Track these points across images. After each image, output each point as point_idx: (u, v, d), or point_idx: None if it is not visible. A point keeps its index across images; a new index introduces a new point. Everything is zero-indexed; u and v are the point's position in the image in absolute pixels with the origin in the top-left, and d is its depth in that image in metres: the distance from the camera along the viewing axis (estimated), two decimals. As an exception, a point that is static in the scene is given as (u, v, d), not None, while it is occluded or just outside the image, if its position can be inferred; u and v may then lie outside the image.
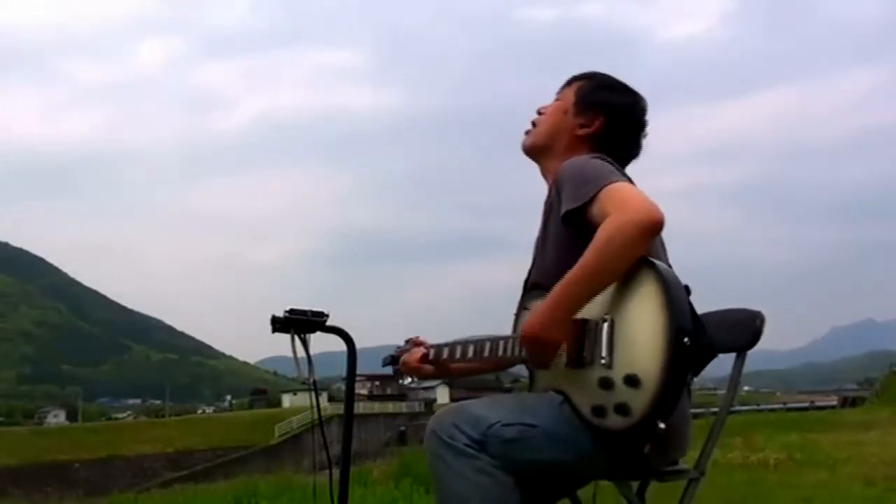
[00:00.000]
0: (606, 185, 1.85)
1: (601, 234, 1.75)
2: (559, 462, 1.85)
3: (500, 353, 2.05)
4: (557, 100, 2.22)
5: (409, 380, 2.41)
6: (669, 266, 1.89)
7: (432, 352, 2.23)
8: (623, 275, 1.77)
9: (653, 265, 1.76)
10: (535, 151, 2.21)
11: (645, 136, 2.18)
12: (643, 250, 1.76)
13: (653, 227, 1.76)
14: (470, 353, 2.14)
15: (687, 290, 1.79)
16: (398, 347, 2.39)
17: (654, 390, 1.67)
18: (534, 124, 2.23)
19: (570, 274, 1.77)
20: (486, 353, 2.09)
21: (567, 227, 1.92)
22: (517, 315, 2.11)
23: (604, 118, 2.13)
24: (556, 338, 1.79)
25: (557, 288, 1.79)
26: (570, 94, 2.19)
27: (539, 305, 1.83)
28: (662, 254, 1.94)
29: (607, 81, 2.21)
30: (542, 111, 2.23)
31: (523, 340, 1.85)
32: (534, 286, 2.07)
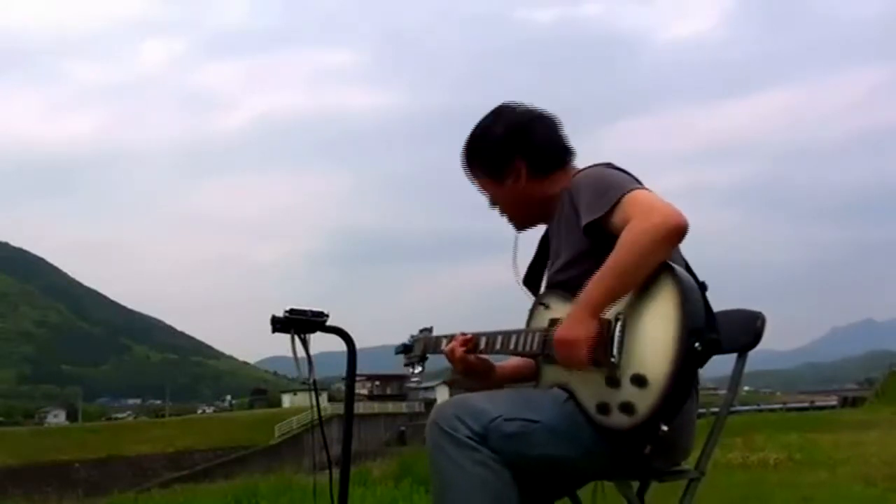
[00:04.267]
0: (628, 192, 1.85)
1: (626, 237, 1.76)
2: (560, 458, 1.86)
3: (513, 346, 2.06)
4: (482, 191, 2.21)
5: (419, 369, 2.40)
6: (686, 267, 1.89)
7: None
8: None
9: (670, 268, 1.77)
10: (526, 227, 2.21)
11: (554, 119, 2.14)
12: (666, 255, 1.77)
13: (678, 232, 1.77)
14: (482, 345, 2.15)
15: (704, 286, 1.81)
16: (412, 336, 2.40)
17: (660, 391, 1.68)
18: (502, 212, 2.21)
19: (595, 277, 1.78)
20: (498, 347, 2.10)
21: (587, 237, 1.91)
22: (531, 311, 2.11)
23: (517, 157, 2.10)
24: (582, 336, 1.77)
25: (583, 293, 1.80)
26: (482, 179, 2.18)
27: (569, 313, 1.83)
28: (677, 255, 1.94)
29: (478, 137, 2.16)
30: (493, 202, 2.21)
31: (556, 346, 1.84)
32: (551, 285, 2.07)
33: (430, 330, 2.38)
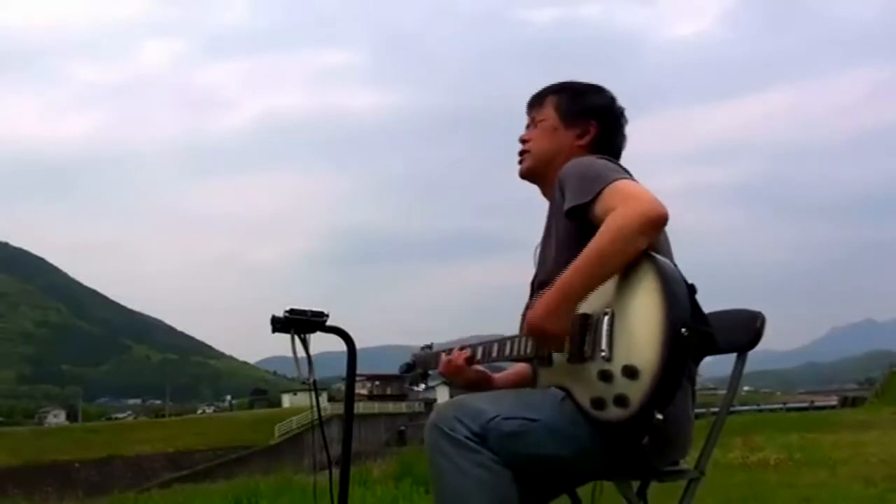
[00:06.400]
0: (611, 181, 1.86)
1: (606, 226, 1.77)
2: (559, 457, 1.86)
3: (507, 352, 2.07)
4: (537, 120, 2.21)
5: (422, 386, 2.42)
6: (674, 263, 1.89)
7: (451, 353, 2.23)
8: (624, 268, 1.78)
9: (653, 258, 1.77)
10: (535, 174, 2.20)
11: (627, 122, 2.21)
12: (646, 243, 1.77)
13: (657, 221, 1.78)
14: (479, 356, 2.16)
15: (693, 289, 1.80)
16: (413, 354, 2.42)
17: (651, 380, 1.68)
18: (523, 152, 2.22)
19: (574, 264, 1.79)
20: (494, 354, 2.11)
21: (571, 222, 1.92)
22: (524, 316, 2.10)
23: (596, 122, 2.15)
24: (559, 328, 1.80)
25: (561, 278, 1.81)
26: (551, 111, 2.18)
27: (543, 296, 1.85)
28: (667, 251, 1.94)
29: (579, 87, 2.21)
30: (527, 138, 2.22)
31: (528, 331, 1.86)
32: (541, 285, 2.06)
33: (430, 347, 2.39)
